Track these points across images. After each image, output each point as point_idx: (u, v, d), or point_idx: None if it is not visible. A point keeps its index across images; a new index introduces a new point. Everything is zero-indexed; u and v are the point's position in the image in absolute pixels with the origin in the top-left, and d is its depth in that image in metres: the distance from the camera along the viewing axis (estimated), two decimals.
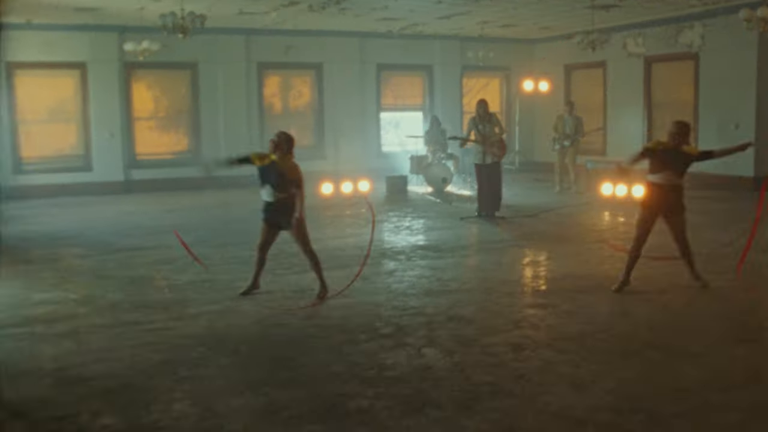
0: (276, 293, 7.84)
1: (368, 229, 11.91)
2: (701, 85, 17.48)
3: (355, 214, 13.79)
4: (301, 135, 19.72)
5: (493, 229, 11.79)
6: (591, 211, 13.79)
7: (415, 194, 16.58)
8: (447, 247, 10.21)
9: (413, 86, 21.28)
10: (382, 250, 10.08)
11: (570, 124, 16.42)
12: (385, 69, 20.65)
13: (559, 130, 16.40)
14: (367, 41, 20.14)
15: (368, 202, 8.84)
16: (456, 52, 21.04)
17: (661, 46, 18.31)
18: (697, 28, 17.43)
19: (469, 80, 21.92)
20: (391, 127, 21.15)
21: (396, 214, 13.58)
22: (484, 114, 12.54)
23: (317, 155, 19.99)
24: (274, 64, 19.49)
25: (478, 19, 18.07)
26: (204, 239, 11.07)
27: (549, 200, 15.41)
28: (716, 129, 17.07)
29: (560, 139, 16.33)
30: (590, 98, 20.22)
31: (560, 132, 16.36)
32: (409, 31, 19.89)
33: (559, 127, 16.41)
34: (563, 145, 16.38)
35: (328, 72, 19.92)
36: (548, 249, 9.99)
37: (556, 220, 12.69)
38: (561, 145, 16.38)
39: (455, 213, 13.52)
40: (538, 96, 21.34)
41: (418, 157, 17.64)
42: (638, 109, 18.96)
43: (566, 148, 16.39)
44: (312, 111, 20.09)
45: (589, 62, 20.22)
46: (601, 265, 8.96)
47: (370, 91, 20.44)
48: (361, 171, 18.96)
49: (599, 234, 11.18)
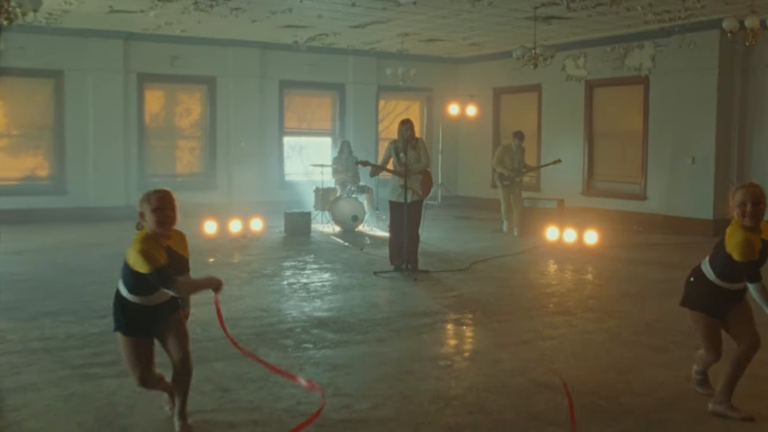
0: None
1: (254, 288, 8.77)
2: (651, 112, 14.97)
3: (243, 262, 10.59)
4: (187, 160, 16.48)
5: (417, 291, 8.77)
6: (535, 261, 10.96)
7: (319, 235, 13.47)
8: (355, 322, 7.12)
9: (322, 107, 18.19)
10: (263, 327, 6.93)
11: (518, 157, 13.64)
12: (290, 86, 17.53)
13: (506, 163, 13.56)
14: (269, 53, 17.03)
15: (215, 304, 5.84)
16: (372, 70, 18.11)
17: (605, 68, 15.77)
18: (648, 49, 14.94)
19: (387, 102, 19.01)
20: (295, 153, 18.03)
21: (293, 264, 10.44)
22: (409, 138, 9.57)
23: (206, 185, 16.72)
24: (157, 75, 16.15)
25: (398, 31, 15.18)
26: (18, 302, 7.73)
27: (481, 245, 12.53)
28: (669, 163, 14.55)
29: (511, 175, 13.51)
30: (522, 125, 17.43)
31: (508, 166, 13.54)
32: (318, 43, 16.88)
33: (507, 160, 13.58)
34: (514, 181, 13.58)
35: (223, 87, 16.69)
36: (495, 328, 7.00)
37: (495, 275, 9.77)
38: (511, 181, 13.58)
39: (368, 263, 10.48)
40: (462, 122, 18.57)
41: (324, 190, 14.56)
42: (578, 139, 16.35)
43: (515, 184, 13.62)
44: (202, 132, 16.78)
45: (521, 85, 17.58)
46: (582, 358, 6.02)
47: (272, 111, 17.27)
48: (260, 204, 15.90)
49: (559, 300, 8.27)
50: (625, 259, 11.17)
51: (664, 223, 14.53)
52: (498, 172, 13.69)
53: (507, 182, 13.54)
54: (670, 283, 9.28)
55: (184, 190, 16.78)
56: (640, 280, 9.56)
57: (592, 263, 10.69)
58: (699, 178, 13.99)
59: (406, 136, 9.56)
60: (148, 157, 16.21)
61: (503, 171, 13.52)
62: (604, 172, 16.01)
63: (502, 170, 13.53)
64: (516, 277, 9.64)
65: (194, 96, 16.72)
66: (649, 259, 11.24)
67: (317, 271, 9.88)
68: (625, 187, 15.50)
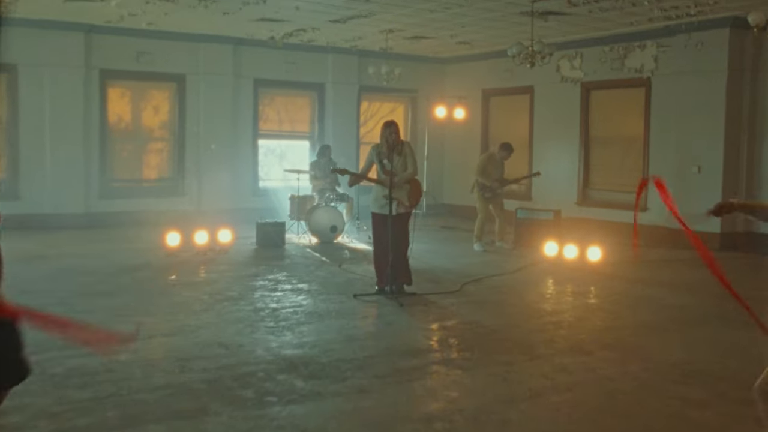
0: None
1: (215, 315, 7.52)
2: (653, 117, 13.85)
3: (206, 280, 9.32)
4: (154, 165, 15.19)
5: (403, 319, 7.54)
6: (533, 281, 9.77)
7: (294, 248, 12.22)
8: (330, 363, 5.87)
9: (300, 108, 16.92)
10: (219, 371, 5.67)
11: (500, 169, 12.43)
12: (266, 86, 16.25)
13: (489, 173, 12.35)
14: (243, 50, 15.76)
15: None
16: (353, 69, 16.88)
17: (603, 69, 14.63)
18: (650, 49, 13.81)
19: (370, 104, 17.78)
20: (273, 158, 16.75)
21: (262, 283, 9.17)
22: (394, 143, 8.34)
23: (174, 191, 15.40)
24: (121, 72, 14.81)
25: (381, 26, 13.97)
26: None
27: (471, 260, 11.34)
28: (673, 172, 13.40)
29: (494, 186, 12.28)
30: (513, 130, 16.38)
31: (491, 176, 12.32)
32: (295, 39, 15.62)
33: (491, 169, 12.36)
34: (497, 193, 12.37)
35: (193, 86, 15.38)
36: (498, 373, 5.77)
37: (491, 299, 8.57)
38: (493, 194, 12.37)
39: (347, 283, 9.25)
40: (449, 126, 17.38)
41: (301, 198, 13.31)
42: (572, 145, 15.20)
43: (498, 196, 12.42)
44: (170, 134, 15.47)
45: (512, 87, 16.42)
46: (610, 416, 4.83)
47: (246, 112, 15.99)
48: (232, 213, 14.66)
49: (568, 333, 7.07)
50: (632, 278, 10.01)
51: (666, 236, 13.35)
52: (479, 183, 12.46)
53: (489, 194, 12.32)
54: (689, 310, 8.18)
55: (150, 197, 15.60)
56: (655, 305, 8.39)
57: (597, 283, 9.52)
58: (706, 189, 12.86)
59: (390, 140, 8.34)
60: (111, 161, 14.87)
61: (485, 181, 12.30)
62: (601, 180, 14.87)
63: (485, 180, 12.31)
64: (514, 302, 8.44)
65: (162, 95, 15.39)
66: (659, 278, 10.09)
67: (289, 292, 8.62)
68: (624, 197, 14.35)
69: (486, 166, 12.32)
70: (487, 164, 12.34)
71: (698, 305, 8.50)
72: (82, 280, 9.08)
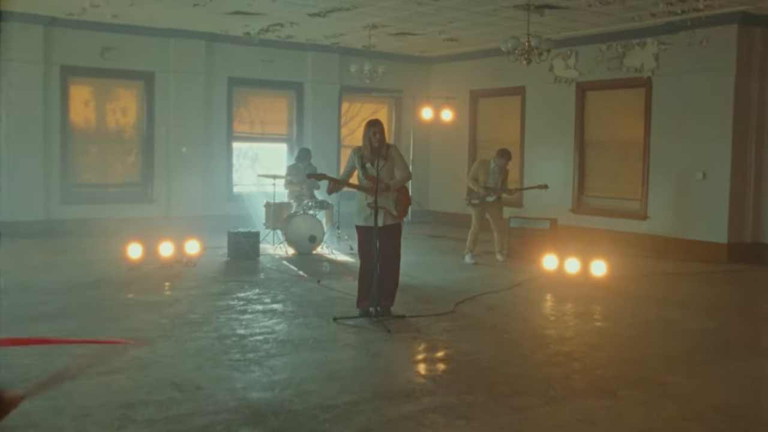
0: None
1: (172, 344, 6.42)
2: (654, 119, 12.88)
3: (167, 299, 8.20)
4: (120, 169, 14.06)
5: (391, 350, 6.45)
6: (534, 299, 8.72)
7: (270, 260, 11.11)
8: (304, 412, 4.75)
9: (277, 109, 15.80)
10: (167, 424, 4.55)
11: (497, 177, 11.36)
12: (240, 85, 15.13)
13: (480, 180, 11.29)
14: (216, 46, 14.64)
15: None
16: (334, 68, 15.79)
17: (599, 69, 13.64)
18: (650, 47, 12.85)
19: (351, 105, 16.70)
20: (248, 161, 15.63)
21: (231, 303, 8.06)
22: (379, 145, 7.27)
23: (142, 197, 14.26)
24: (85, 69, 13.63)
25: (364, 21, 12.90)
26: None
27: (463, 274, 10.29)
28: (675, 178, 12.48)
29: (482, 193, 11.21)
30: (503, 133, 15.40)
31: (481, 183, 11.26)
32: (272, 35, 14.53)
33: (481, 176, 11.30)
34: (485, 201, 11.30)
35: (162, 84, 14.23)
36: (509, 425, 4.69)
37: (490, 322, 7.50)
38: (481, 201, 11.29)
39: (326, 302, 8.16)
40: (435, 129, 16.33)
41: (277, 205, 12.21)
42: (567, 149, 14.20)
43: (490, 205, 11.34)
44: (138, 136, 14.30)
45: (502, 88, 15.43)
46: None
47: (219, 113, 14.84)
48: (204, 220, 13.61)
49: (583, 366, 6.02)
50: (642, 296, 8.99)
51: (667, 246, 12.44)
52: (468, 189, 11.42)
53: (476, 201, 11.26)
54: (714, 336, 7.20)
55: (115, 203, 14.32)
56: (675, 330, 7.36)
57: (603, 302, 8.49)
58: (711, 196, 11.92)
59: (374, 141, 7.27)
60: (74, 164, 13.67)
61: (474, 187, 11.26)
62: (597, 187, 13.87)
63: (473, 186, 11.27)
64: (517, 326, 7.38)
65: (129, 94, 14.22)
66: (670, 296, 9.08)
67: (261, 315, 7.52)
68: (622, 205, 13.39)
69: (477, 172, 11.28)
70: (478, 170, 11.29)
71: (722, 330, 7.50)
72: (23, 299, 7.90)
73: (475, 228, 11.28)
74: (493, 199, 11.19)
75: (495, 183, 11.23)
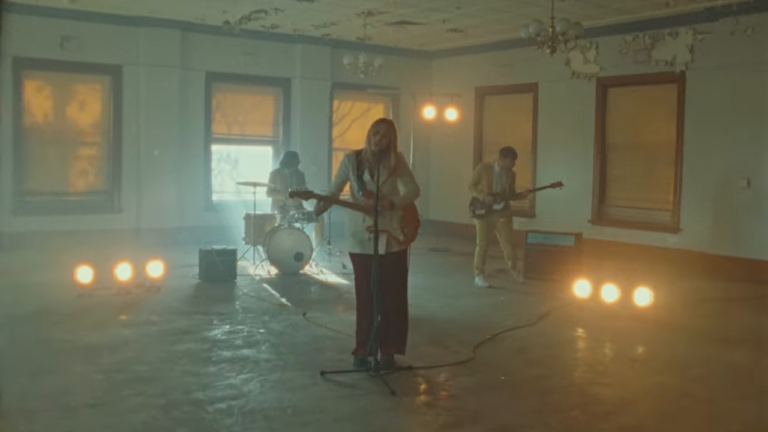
0: None
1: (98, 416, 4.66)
2: (688, 119, 11.19)
3: (110, 342, 6.42)
4: (83, 175, 12.33)
5: (397, 423, 4.74)
6: (569, 338, 7.01)
7: (249, 282, 9.36)
8: None
9: (261, 108, 14.01)
10: None
11: (502, 181, 9.61)
12: (220, 80, 13.34)
13: (483, 187, 9.52)
14: (193, 37, 12.89)
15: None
16: (325, 62, 14.04)
17: (624, 62, 11.94)
18: (684, 37, 11.16)
19: (341, 103, 14.94)
20: (226, 166, 13.86)
21: (192, 348, 6.28)
22: (384, 149, 5.55)
23: (108, 206, 12.51)
24: (42, 61, 11.83)
25: (359, 7, 11.17)
26: None
27: (477, 300, 8.58)
28: (713, 185, 10.81)
29: (488, 201, 9.44)
30: (512, 135, 13.66)
31: (485, 189, 9.49)
32: (256, 24, 12.78)
33: (484, 182, 9.52)
34: (492, 210, 9.54)
35: (131, 79, 12.45)
36: None
37: (521, 375, 5.76)
38: (487, 210, 9.52)
39: (312, 345, 6.43)
40: (436, 130, 14.61)
41: (258, 217, 10.47)
42: (586, 153, 12.51)
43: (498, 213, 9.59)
44: (103, 137, 12.51)
45: (512, 85, 13.75)
46: None
47: (196, 112, 13.06)
48: (179, 232, 11.99)
49: None
50: (698, 331, 7.27)
51: (703, 264, 10.76)
52: (472, 197, 9.68)
53: (482, 211, 9.52)
54: None
55: (77, 214, 12.33)
56: (759, 384, 5.66)
57: (656, 342, 6.80)
58: (757, 206, 10.26)
59: (373, 144, 5.56)
60: (28, 170, 11.87)
61: (477, 195, 9.51)
62: (621, 195, 12.18)
63: (477, 194, 9.52)
64: (559, 382, 5.62)
65: (92, 89, 12.42)
66: (734, 332, 7.37)
67: (227, 366, 5.76)
68: (650, 216, 11.72)
69: (479, 177, 9.52)
70: (480, 175, 9.52)
71: None
72: None
73: (482, 244, 9.55)
74: (501, 206, 9.45)
75: (501, 188, 9.50)
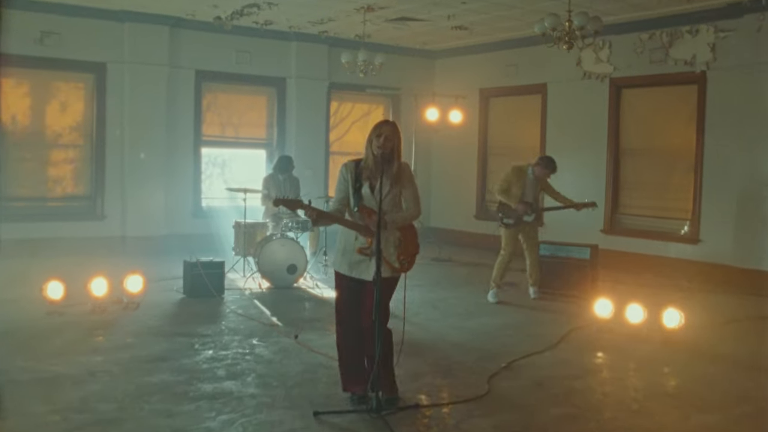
0: None
1: None
2: (709, 123, 10.42)
3: (78, 372, 5.62)
4: (64, 179, 11.56)
5: None
6: (596, 367, 6.24)
7: (237, 298, 8.58)
8: None
9: (254, 109, 13.21)
10: None
11: (536, 189, 8.83)
12: (211, 80, 12.54)
13: (514, 193, 8.74)
14: (182, 34, 12.10)
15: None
16: (322, 61, 13.25)
17: (639, 62, 11.17)
18: (705, 35, 10.40)
19: (342, 104, 14.15)
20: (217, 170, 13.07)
21: (166, 381, 5.47)
22: (387, 154, 4.80)
23: (91, 213, 11.72)
24: (19, 58, 10.90)
25: (358, 2, 10.40)
26: None
27: (488, 320, 7.80)
28: (736, 193, 10.04)
29: (519, 211, 8.63)
30: (519, 138, 12.96)
31: (515, 197, 8.70)
32: (249, 20, 12.00)
33: (515, 188, 8.74)
34: (522, 221, 8.76)
35: (116, 78, 11.65)
36: None
37: (547, 415, 4.95)
38: (517, 220, 8.74)
39: (304, 375, 5.64)
40: (438, 134, 13.81)
41: (249, 226, 9.68)
42: (598, 158, 11.74)
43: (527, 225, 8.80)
44: (86, 140, 11.70)
45: (519, 86, 12.99)
46: None
47: (185, 113, 12.26)
48: (166, 240, 11.25)
49: None
50: (735, 359, 6.50)
51: (725, 277, 9.99)
52: (499, 203, 8.89)
53: (511, 221, 8.73)
54: None
55: (57, 221, 11.36)
56: None
57: (691, 372, 6.03)
58: None
59: (375, 148, 4.80)
60: (5, 175, 11.05)
61: (509, 202, 8.70)
62: (635, 203, 11.41)
63: (508, 200, 8.71)
64: (587, 423, 4.84)
65: (74, 88, 11.61)
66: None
67: (206, 404, 4.97)
68: (667, 225, 10.95)
69: (510, 182, 8.69)
70: (512, 180, 8.70)
71: None
72: None
73: (507, 255, 8.77)
74: (531, 218, 8.68)
75: (533, 197, 8.72)
